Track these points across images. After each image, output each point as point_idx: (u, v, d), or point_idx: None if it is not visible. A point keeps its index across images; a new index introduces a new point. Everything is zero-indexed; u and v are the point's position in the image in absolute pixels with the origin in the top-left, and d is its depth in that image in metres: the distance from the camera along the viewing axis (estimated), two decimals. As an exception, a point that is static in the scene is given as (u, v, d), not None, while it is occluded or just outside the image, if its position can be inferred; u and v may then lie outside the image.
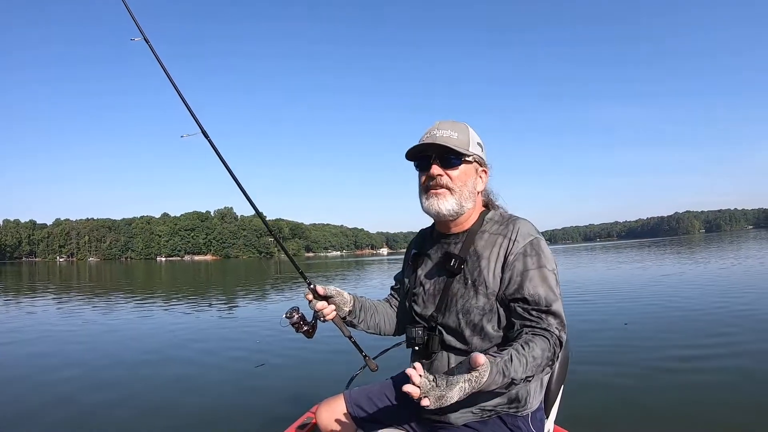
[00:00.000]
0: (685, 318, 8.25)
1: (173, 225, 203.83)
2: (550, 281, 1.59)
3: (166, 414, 4.71)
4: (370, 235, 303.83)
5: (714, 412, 4.10)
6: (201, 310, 13.18)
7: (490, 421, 1.69)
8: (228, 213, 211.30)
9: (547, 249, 1.65)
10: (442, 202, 1.68)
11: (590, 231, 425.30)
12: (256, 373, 6.04)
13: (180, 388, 5.52)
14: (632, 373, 5.23)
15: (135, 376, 6.11)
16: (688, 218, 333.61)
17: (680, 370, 5.31)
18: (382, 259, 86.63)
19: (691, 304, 9.80)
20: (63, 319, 11.82)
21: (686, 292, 11.71)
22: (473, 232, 1.73)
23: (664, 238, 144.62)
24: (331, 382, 5.07)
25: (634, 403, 4.40)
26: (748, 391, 4.53)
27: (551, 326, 1.53)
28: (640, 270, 20.42)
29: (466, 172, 1.71)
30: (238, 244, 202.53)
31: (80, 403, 5.06)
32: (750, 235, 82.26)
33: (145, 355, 7.39)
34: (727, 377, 4.94)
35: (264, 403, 4.88)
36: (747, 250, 31.21)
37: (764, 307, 8.95)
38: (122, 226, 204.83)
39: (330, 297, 1.85)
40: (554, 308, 1.56)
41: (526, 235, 1.65)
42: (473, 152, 1.71)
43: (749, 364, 5.36)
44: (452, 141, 1.68)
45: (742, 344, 6.25)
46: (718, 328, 7.27)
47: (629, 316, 8.57)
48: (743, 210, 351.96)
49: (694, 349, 6.06)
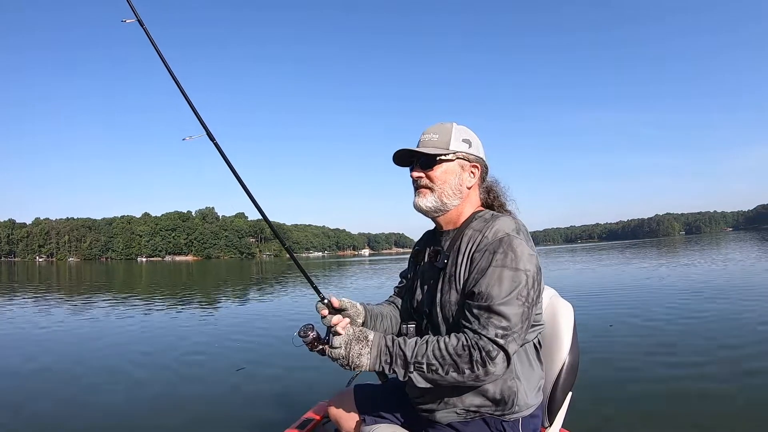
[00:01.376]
0: (667, 321, 8.18)
1: (154, 225, 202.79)
2: (507, 281, 1.53)
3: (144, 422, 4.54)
4: (352, 236, 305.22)
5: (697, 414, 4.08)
6: (181, 311, 12.97)
7: (472, 422, 1.70)
8: (209, 213, 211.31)
9: (522, 248, 1.58)
10: (422, 200, 1.77)
11: (571, 233, 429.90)
12: (246, 376, 5.91)
13: (155, 396, 5.30)
14: (620, 375, 5.24)
15: (112, 380, 5.91)
16: (668, 220, 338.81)
17: (666, 372, 5.27)
18: (363, 260, 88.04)
19: (674, 306, 9.78)
20: (40, 322, 11.43)
21: (668, 294, 11.73)
22: (462, 230, 1.76)
23: (645, 240, 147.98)
24: (324, 384, 5.15)
25: (623, 404, 4.38)
26: (748, 391, 4.48)
27: (485, 327, 1.49)
28: (621, 271, 20.44)
29: (447, 170, 1.76)
30: (219, 245, 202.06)
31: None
32: (729, 237, 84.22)
33: (117, 359, 7.15)
34: (708, 382, 4.86)
35: (257, 406, 4.81)
36: (726, 251, 31.76)
37: (740, 306, 9.07)
38: (102, 225, 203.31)
39: (344, 310, 1.81)
40: (497, 307, 1.50)
41: (498, 232, 1.63)
42: (455, 150, 1.76)
43: (742, 364, 5.34)
44: (432, 144, 1.76)
45: (728, 346, 6.16)
46: (700, 330, 7.26)
47: (612, 319, 8.47)
48: (722, 212, 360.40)
49: (681, 355, 5.95)
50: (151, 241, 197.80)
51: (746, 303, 9.44)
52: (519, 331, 1.52)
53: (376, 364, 1.59)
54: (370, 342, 1.62)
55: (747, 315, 8.13)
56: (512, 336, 1.50)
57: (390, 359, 1.58)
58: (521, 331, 1.53)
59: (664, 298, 10.84)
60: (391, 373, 1.59)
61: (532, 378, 1.74)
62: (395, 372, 1.58)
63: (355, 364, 1.60)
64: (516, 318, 1.50)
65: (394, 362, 1.57)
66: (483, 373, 1.49)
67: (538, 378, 1.77)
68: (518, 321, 1.51)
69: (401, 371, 1.56)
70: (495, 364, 1.48)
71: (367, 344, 1.61)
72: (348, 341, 1.62)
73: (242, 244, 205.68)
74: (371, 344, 1.61)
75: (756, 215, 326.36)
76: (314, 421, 2.38)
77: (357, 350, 1.60)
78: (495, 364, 1.48)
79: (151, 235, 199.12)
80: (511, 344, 1.49)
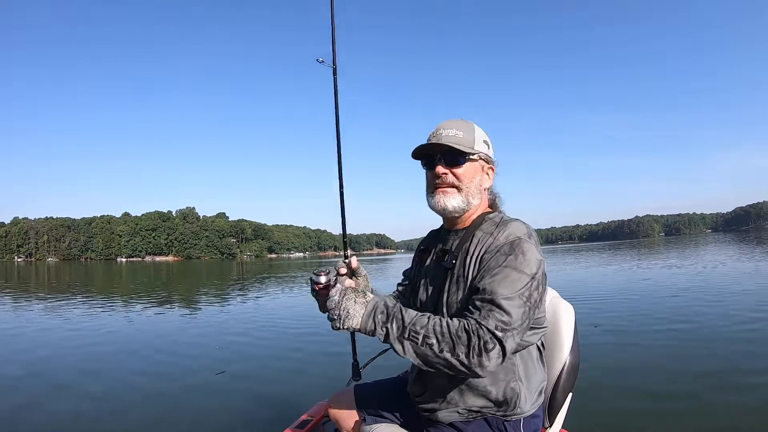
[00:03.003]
0: (648, 321, 8.27)
1: (134, 225, 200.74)
2: (513, 280, 1.51)
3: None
4: (334, 237, 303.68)
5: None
6: (161, 313, 12.86)
7: (474, 422, 1.70)
8: (190, 213, 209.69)
9: (531, 253, 1.58)
10: (449, 199, 1.72)
11: (552, 234, 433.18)
12: (246, 376, 5.90)
13: (132, 400, 5.17)
14: (619, 375, 5.26)
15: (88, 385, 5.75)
16: (648, 222, 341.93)
17: (666, 371, 5.27)
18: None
19: (654, 304, 9.93)
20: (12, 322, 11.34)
21: (649, 293, 11.93)
22: (471, 230, 1.74)
23: (624, 241, 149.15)
24: (324, 384, 5.21)
25: (623, 404, 4.39)
26: (748, 391, 4.50)
27: (486, 319, 1.45)
28: (602, 272, 20.60)
29: (472, 169, 1.74)
30: (200, 245, 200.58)
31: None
32: (708, 238, 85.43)
33: (93, 363, 6.95)
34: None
35: (257, 406, 4.82)
36: (705, 252, 32.36)
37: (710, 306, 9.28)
38: (82, 225, 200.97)
39: (359, 276, 1.85)
40: (500, 301, 1.47)
41: (510, 236, 1.62)
42: (478, 150, 1.73)
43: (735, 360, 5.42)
44: (457, 140, 1.71)
45: (728, 346, 6.18)
46: (700, 329, 7.32)
47: (597, 319, 8.47)
48: (702, 214, 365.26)
49: (681, 354, 5.95)
50: (131, 242, 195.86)
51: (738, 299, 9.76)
52: (518, 328, 1.48)
53: (369, 321, 1.51)
54: (368, 297, 1.55)
55: (746, 315, 8.18)
56: (511, 332, 1.46)
57: (386, 318, 1.50)
58: (520, 329, 1.49)
59: (662, 298, 10.91)
60: (383, 334, 1.50)
61: (534, 380, 1.73)
62: (388, 333, 1.49)
63: (347, 313, 1.51)
64: (517, 316, 1.47)
65: (390, 321, 1.49)
66: (477, 363, 1.43)
67: (540, 380, 1.77)
68: (518, 319, 1.48)
69: (395, 334, 1.48)
70: (490, 357, 1.42)
71: (364, 297, 1.55)
72: (345, 289, 1.55)
73: (223, 244, 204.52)
74: (368, 299, 1.54)
75: (734, 217, 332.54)
76: (314, 420, 2.39)
77: (352, 298, 1.53)
78: (490, 357, 1.42)
79: (131, 235, 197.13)
80: (508, 340, 1.45)
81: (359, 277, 1.84)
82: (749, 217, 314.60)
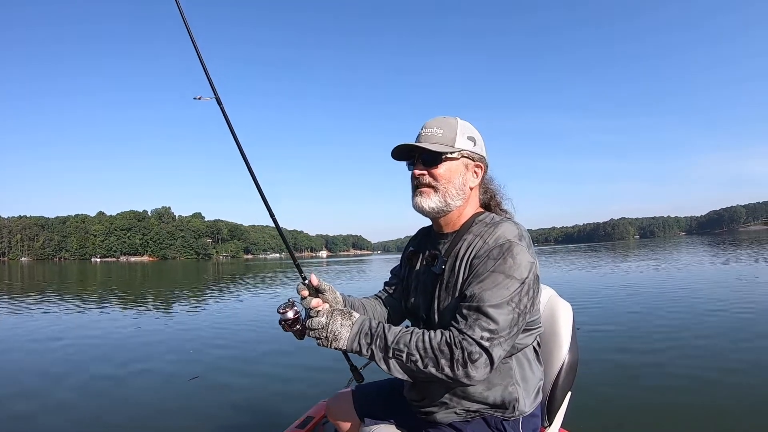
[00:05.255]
0: (648, 320, 8.30)
1: (109, 224, 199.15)
2: (501, 286, 1.47)
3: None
4: (310, 238, 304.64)
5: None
6: (136, 315, 12.41)
7: (473, 421, 1.67)
8: (165, 213, 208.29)
9: (522, 255, 1.52)
10: (425, 200, 1.67)
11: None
12: (246, 376, 5.89)
13: (154, 396, 5.21)
14: (618, 375, 5.25)
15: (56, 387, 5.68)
16: (623, 224, 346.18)
17: (665, 371, 5.30)
18: (321, 261, 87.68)
19: (654, 304, 10.04)
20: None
21: (641, 292, 12.14)
22: (461, 233, 1.68)
23: (599, 244, 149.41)
24: (324, 384, 5.24)
25: (622, 404, 4.38)
26: (747, 391, 4.51)
27: (471, 328, 1.42)
28: (575, 272, 20.89)
29: (452, 169, 1.66)
30: (175, 245, 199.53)
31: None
32: (682, 241, 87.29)
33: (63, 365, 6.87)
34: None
35: (256, 406, 4.80)
36: (679, 253, 32.87)
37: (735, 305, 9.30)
38: (56, 224, 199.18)
39: (323, 292, 1.71)
40: (487, 309, 1.43)
41: (500, 238, 1.56)
42: (460, 148, 1.66)
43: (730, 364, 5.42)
44: (436, 139, 1.65)
45: (727, 346, 6.24)
46: (698, 330, 7.33)
47: (589, 318, 8.66)
48: (676, 218, 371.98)
49: (679, 354, 5.98)
50: (106, 241, 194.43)
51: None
52: (506, 336, 1.44)
53: (355, 342, 1.51)
54: (354, 318, 1.54)
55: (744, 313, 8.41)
56: (498, 340, 1.42)
57: (370, 339, 1.50)
58: (508, 337, 1.45)
59: (658, 298, 11.03)
60: (368, 354, 1.50)
61: (531, 380, 1.70)
62: (372, 354, 1.49)
63: (333, 336, 1.51)
64: (505, 323, 1.43)
65: (374, 342, 1.49)
66: (463, 374, 1.40)
67: (537, 380, 1.74)
68: (506, 326, 1.44)
69: (380, 354, 1.48)
70: (476, 368, 1.40)
71: (350, 318, 1.54)
72: (331, 311, 1.55)
73: (199, 244, 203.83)
74: (354, 320, 1.54)
75: (708, 220, 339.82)
76: (314, 420, 2.41)
77: (339, 321, 1.52)
78: (476, 368, 1.40)
79: (105, 234, 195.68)
80: (495, 348, 1.41)
81: (325, 292, 1.72)
82: (722, 221, 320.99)
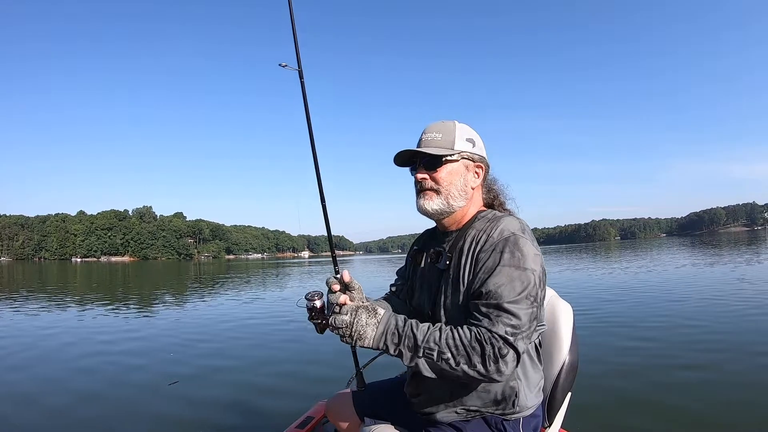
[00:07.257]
0: (647, 320, 8.28)
1: (90, 224, 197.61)
2: (517, 280, 1.49)
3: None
4: (292, 238, 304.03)
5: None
6: (116, 317, 12.00)
7: (473, 421, 1.68)
8: (147, 212, 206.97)
9: (528, 248, 1.54)
10: (428, 203, 1.70)
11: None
12: (246, 376, 5.85)
13: (153, 396, 5.16)
14: (618, 375, 5.22)
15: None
16: (604, 226, 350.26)
17: (664, 371, 5.26)
18: (303, 261, 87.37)
19: (652, 304, 10.03)
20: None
21: (638, 292, 12.14)
22: (464, 230, 1.71)
23: (581, 244, 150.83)
24: (324, 384, 5.22)
25: (622, 404, 4.37)
26: (747, 390, 4.50)
27: (496, 325, 1.44)
28: (566, 273, 20.79)
29: (452, 171, 1.70)
30: (156, 245, 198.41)
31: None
32: (663, 242, 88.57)
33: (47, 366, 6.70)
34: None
35: (256, 406, 4.76)
36: (659, 254, 33.43)
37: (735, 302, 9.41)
38: (36, 224, 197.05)
39: (352, 290, 1.64)
40: (507, 305, 1.45)
41: (504, 231, 1.58)
42: (459, 150, 1.70)
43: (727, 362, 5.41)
44: (435, 143, 1.69)
45: (726, 345, 6.23)
46: (697, 329, 7.31)
47: (589, 319, 8.58)
48: (656, 219, 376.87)
49: (679, 354, 5.94)
50: (86, 241, 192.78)
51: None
52: (527, 330, 1.46)
53: (381, 341, 1.48)
54: (379, 316, 1.51)
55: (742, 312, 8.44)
56: (521, 335, 1.44)
57: (398, 339, 1.47)
58: (529, 331, 1.47)
59: (656, 298, 11.02)
60: (396, 354, 1.48)
61: (533, 378, 1.70)
62: (401, 354, 1.47)
63: (358, 334, 1.48)
64: (525, 317, 1.46)
65: (402, 342, 1.47)
66: (494, 370, 1.41)
67: (538, 378, 1.74)
68: (527, 320, 1.46)
69: (408, 354, 1.47)
70: (506, 362, 1.41)
71: (376, 316, 1.51)
72: (356, 308, 1.51)
73: (180, 244, 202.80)
74: (380, 318, 1.51)
75: (688, 222, 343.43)
76: (314, 420, 2.41)
77: (364, 320, 1.49)
78: (506, 362, 1.41)
79: (86, 234, 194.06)
80: (519, 343, 1.43)
81: (353, 291, 1.64)
82: (702, 222, 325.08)
